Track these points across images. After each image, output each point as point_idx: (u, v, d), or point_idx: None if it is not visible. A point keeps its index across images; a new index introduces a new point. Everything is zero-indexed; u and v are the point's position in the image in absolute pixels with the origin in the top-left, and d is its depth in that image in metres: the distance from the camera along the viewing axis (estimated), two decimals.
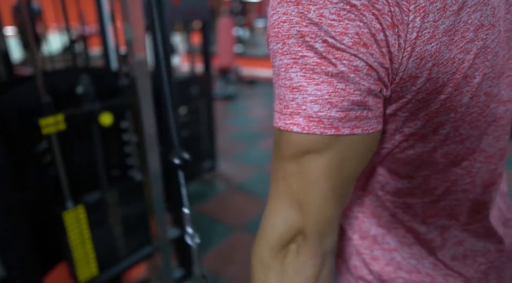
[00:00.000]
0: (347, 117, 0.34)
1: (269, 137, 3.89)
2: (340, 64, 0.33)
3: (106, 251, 1.39)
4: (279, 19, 0.35)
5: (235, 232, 2.24)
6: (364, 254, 0.52)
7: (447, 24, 0.34)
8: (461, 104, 0.39)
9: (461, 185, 0.46)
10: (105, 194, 1.34)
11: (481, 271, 0.50)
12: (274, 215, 0.41)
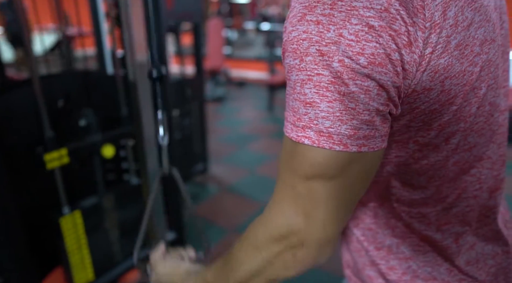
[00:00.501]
0: (355, 135, 0.36)
1: (259, 138, 3.91)
2: (352, 84, 0.34)
3: (102, 256, 1.38)
4: (298, 36, 0.36)
5: (228, 234, 2.25)
6: (380, 265, 0.54)
7: (459, 39, 0.37)
8: (469, 114, 0.41)
9: (471, 191, 0.48)
10: (102, 199, 1.33)
11: (492, 274, 0.53)
12: (279, 214, 0.44)
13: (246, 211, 2.51)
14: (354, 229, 0.55)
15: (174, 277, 0.64)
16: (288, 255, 0.45)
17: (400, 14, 0.33)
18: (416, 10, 0.34)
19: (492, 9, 0.42)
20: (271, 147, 3.68)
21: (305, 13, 0.36)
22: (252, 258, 0.48)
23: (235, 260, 0.51)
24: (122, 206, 1.41)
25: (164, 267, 0.67)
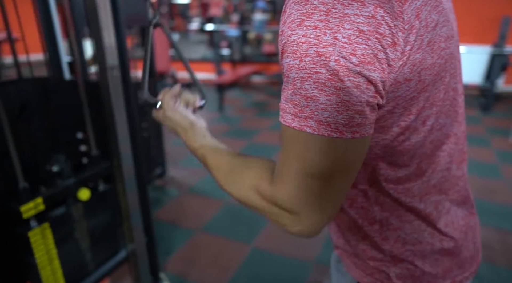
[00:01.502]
0: (350, 123, 0.43)
1: (219, 136, 3.92)
2: (347, 80, 0.41)
3: (74, 267, 1.34)
4: (298, 39, 0.42)
5: (194, 234, 2.27)
6: (374, 237, 0.61)
7: (429, 37, 0.45)
8: (439, 99, 0.51)
9: (444, 164, 0.58)
10: (70, 208, 1.30)
11: (463, 232, 0.63)
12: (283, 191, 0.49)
13: (209, 210, 2.54)
14: (348, 209, 0.62)
15: (180, 127, 0.72)
16: (285, 218, 0.51)
17: (384, 20, 0.41)
18: (396, 15, 0.42)
19: (449, 11, 0.52)
20: (227, 144, 3.72)
21: (303, 19, 0.42)
22: (253, 198, 0.54)
23: (236, 178, 0.58)
24: (91, 214, 1.38)
25: (174, 112, 0.73)
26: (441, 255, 0.61)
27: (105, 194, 1.43)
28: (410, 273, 0.61)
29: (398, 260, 0.61)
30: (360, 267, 0.66)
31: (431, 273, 0.61)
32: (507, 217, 2.39)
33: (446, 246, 0.61)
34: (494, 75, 4.49)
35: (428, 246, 0.60)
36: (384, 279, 0.63)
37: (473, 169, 3.03)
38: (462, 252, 0.63)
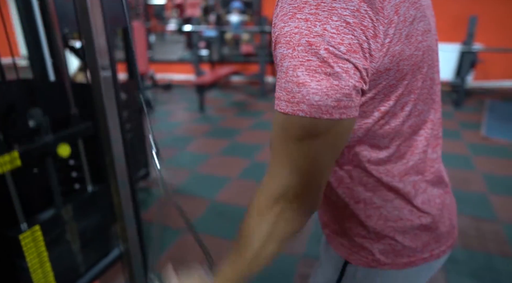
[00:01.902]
0: (338, 106, 0.47)
1: (195, 139, 3.93)
2: (336, 66, 0.45)
3: (65, 269, 1.34)
4: (291, 31, 0.46)
5: (182, 233, 2.28)
6: (359, 215, 0.66)
7: (407, 31, 0.50)
8: (417, 87, 0.56)
9: (421, 148, 0.63)
10: (60, 210, 1.29)
11: (439, 209, 0.68)
12: (275, 177, 0.54)
13: (195, 209, 2.55)
14: (336, 189, 0.67)
15: None
16: (288, 212, 0.55)
17: (367, 13, 0.45)
18: (377, 10, 0.46)
19: (426, 7, 0.57)
20: (208, 146, 3.74)
21: (295, 12, 0.46)
22: (259, 226, 0.57)
23: (244, 238, 0.59)
24: (81, 216, 1.38)
25: None
26: (420, 231, 0.67)
27: (94, 195, 1.43)
28: (392, 248, 0.67)
29: (380, 236, 0.66)
30: (346, 246, 0.71)
31: (411, 247, 0.67)
32: (480, 205, 2.52)
33: (424, 222, 0.66)
34: (464, 72, 4.69)
35: (407, 222, 0.66)
36: (368, 255, 0.68)
37: (447, 161, 3.15)
38: (439, 227, 0.68)
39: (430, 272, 0.74)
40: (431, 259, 0.70)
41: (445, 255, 0.72)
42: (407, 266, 0.68)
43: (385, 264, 0.68)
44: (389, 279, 0.70)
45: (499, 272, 1.88)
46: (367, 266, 0.69)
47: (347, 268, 0.72)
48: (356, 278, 0.71)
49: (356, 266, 0.70)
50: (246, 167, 3.21)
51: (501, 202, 2.54)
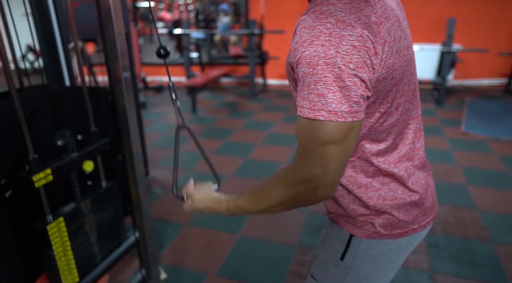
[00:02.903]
0: (350, 111, 0.61)
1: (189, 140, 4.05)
2: (347, 80, 0.60)
3: (84, 258, 1.46)
4: (310, 54, 0.60)
5: (183, 228, 2.41)
6: (362, 197, 0.80)
7: (397, 48, 0.66)
8: (405, 90, 0.72)
9: (410, 139, 0.79)
10: (80, 204, 1.41)
11: (424, 188, 0.84)
12: (304, 167, 0.67)
13: None
14: (341, 178, 0.81)
15: (208, 201, 0.88)
16: (310, 193, 0.68)
17: (368, 37, 0.61)
18: (375, 34, 0.62)
19: (406, 28, 0.73)
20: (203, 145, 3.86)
21: (313, 39, 0.61)
22: (280, 193, 0.72)
23: (264, 193, 0.75)
24: (97, 209, 1.50)
25: (198, 194, 0.91)
26: (411, 206, 0.82)
27: (108, 190, 1.55)
28: (390, 221, 0.82)
29: (380, 212, 0.81)
30: (351, 222, 0.85)
31: (404, 220, 0.82)
32: (460, 195, 2.72)
33: (413, 199, 0.82)
34: (445, 71, 4.93)
35: (401, 200, 0.81)
36: (370, 228, 0.83)
37: (430, 155, 3.36)
38: (424, 203, 0.84)
39: (418, 240, 0.89)
40: (419, 229, 0.86)
41: (429, 225, 0.88)
42: (401, 236, 0.84)
43: (383, 235, 0.83)
44: (386, 247, 0.85)
45: (475, 254, 2.07)
46: (369, 238, 0.84)
47: (352, 241, 0.86)
48: (359, 248, 0.86)
49: (360, 238, 0.85)
50: (240, 165, 3.35)
51: (479, 192, 2.75)
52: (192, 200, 0.92)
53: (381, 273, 0.89)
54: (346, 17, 0.60)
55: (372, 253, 0.85)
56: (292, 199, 0.71)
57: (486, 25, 5.73)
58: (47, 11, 1.50)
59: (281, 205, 0.73)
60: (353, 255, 0.86)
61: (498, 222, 2.37)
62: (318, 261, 0.96)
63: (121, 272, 2.01)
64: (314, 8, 0.64)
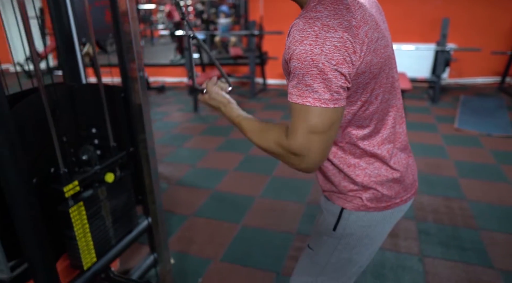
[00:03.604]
0: (331, 98, 0.75)
1: (192, 137, 4.19)
2: (329, 74, 0.73)
3: (101, 240, 1.60)
4: (300, 52, 0.74)
5: (188, 219, 2.55)
6: (351, 175, 0.94)
7: (374, 47, 0.80)
8: (383, 83, 0.85)
9: (391, 124, 0.93)
10: (97, 191, 1.55)
11: (404, 168, 0.98)
12: (294, 139, 0.78)
13: (198, 199, 2.82)
14: (333, 159, 0.94)
15: (221, 104, 1.03)
16: (296, 162, 0.81)
17: (348, 39, 0.74)
18: (355, 35, 0.75)
19: (384, 30, 0.87)
20: (205, 143, 4.01)
21: (302, 40, 0.74)
22: (274, 148, 0.84)
23: (263, 137, 0.89)
24: (112, 196, 1.64)
25: (216, 93, 1.05)
26: (393, 183, 0.96)
27: (121, 180, 1.69)
28: (375, 196, 0.95)
29: (366, 188, 0.95)
30: (342, 198, 0.98)
31: (388, 195, 0.96)
32: (451, 187, 2.86)
33: (395, 177, 0.96)
34: (439, 70, 5.07)
35: (384, 177, 0.95)
36: (358, 202, 0.96)
37: (424, 151, 3.51)
38: (405, 180, 0.98)
39: (400, 213, 1.03)
40: (400, 203, 0.99)
41: (410, 200, 1.02)
42: (385, 208, 0.97)
43: (370, 208, 0.96)
44: (372, 218, 0.98)
45: (463, 240, 2.21)
46: (357, 210, 0.97)
47: (343, 213, 0.99)
48: (349, 219, 0.98)
49: (350, 211, 0.98)
50: (242, 160, 3.49)
51: (469, 184, 2.89)
52: (209, 95, 1.06)
53: (368, 242, 1.03)
54: (330, 22, 0.74)
55: (360, 224, 0.99)
56: (281, 158, 0.85)
57: (480, 25, 5.88)
58: (66, 13, 1.64)
59: (272, 154, 0.87)
60: (344, 226, 1.00)
61: (486, 211, 2.51)
62: (314, 233, 1.10)
63: (131, 258, 2.15)
64: (304, 14, 0.78)
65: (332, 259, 1.04)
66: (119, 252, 1.71)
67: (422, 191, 2.78)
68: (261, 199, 2.76)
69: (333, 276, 1.07)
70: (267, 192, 2.85)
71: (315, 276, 1.09)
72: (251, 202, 2.73)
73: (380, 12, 0.93)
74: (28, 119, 1.27)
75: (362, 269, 1.11)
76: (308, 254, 1.10)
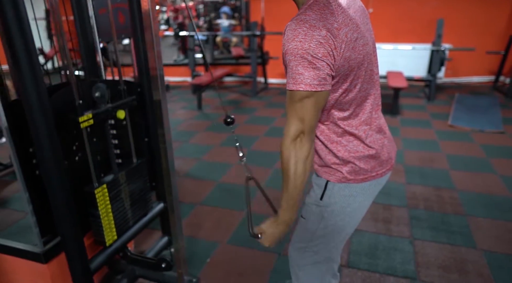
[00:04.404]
0: (320, 84, 0.93)
1: (197, 133, 4.38)
2: (317, 64, 0.92)
3: (120, 220, 1.78)
4: (292, 47, 0.92)
5: (196, 207, 2.73)
6: (333, 150, 1.12)
7: (352, 45, 0.98)
8: (362, 75, 1.04)
9: (368, 109, 1.11)
10: (118, 176, 1.73)
11: (380, 147, 1.15)
12: (291, 126, 0.98)
13: (205, 189, 3.00)
14: (320, 136, 1.13)
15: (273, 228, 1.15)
16: (302, 141, 1.00)
17: (331, 37, 0.92)
18: (336, 35, 0.93)
19: (365, 30, 1.05)
20: (209, 139, 4.19)
21: (294, 37, 0.92)
22: (289, 156, 1.01)
23: (285, 171, 1.04)
24: (130, 181, 1.82)
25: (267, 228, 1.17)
26: (369, 159, 1.14)
27: (138, 166, 1.87)
28: (353, 169, 1.13)
29: (346, 162, 1.13)
30: (327, 172, 1.17)
31: (365, 169, 1.14)
32: (442, 178, 3.04)
33: (371, 153, 1.14)
34: (434, 69, 5.25)
35: (361, 153, 1.13)
36: (340, 175, 1.14)
37: (419, 145, 3.69)
38: (380, 157, 1.16)
39: (378, 186, 1.21)
40: (377, 176, 1.17)
41: (386, 175, 1.20)
42: (363, 181, 1.15)
43: (350, 179, 1.14)
44: (352, 189, 1.16)
45: (451, 225, 2.39)
46: (339, 182, 1.15)
47: (328, 185, 1.17)
48: (333, 190, 1.17)
49: (333, 183, 1.16)
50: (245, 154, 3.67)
51: (459, 176, 3.07)
52: (266, 236, 1.17)
53: (351, 211, 1.20)
54: (316, 23, 0.92)
55: (342, 194, 1.16)
56: (298, 153, 1.01)
57: (474, 25, 6.05)
58: (88, 16, 1.83)
59: (297, 165, 1.01)
60: (329, 196, 1.18)
61: (473, 199, 2.69)
62: (305, 204, 1.28)
63: (143, 242, 2.33)
64: (297, 17, 0.96)
65: (321, 225, 1.22)
66: (136, 232, 1.89)
67: (415, 182, 2.96)
68: (264, 189, 2.94)
69: (322, 241, 1.25)
70: (270, 183, 3.03)
71: (307, 242, 1.28)
72: (254, 192, 2.91)
73: (365, 16, 1.11)
74: (59, 109, 1.44)
75: (348, 237, 1.29)
76: (301, 223, 1.29)
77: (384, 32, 6.18)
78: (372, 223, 2.44)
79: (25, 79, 1.18)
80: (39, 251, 1.64)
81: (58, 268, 1.74)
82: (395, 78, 4.85)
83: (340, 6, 0.98)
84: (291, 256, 1.38)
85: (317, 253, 1.29)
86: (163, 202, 2.12)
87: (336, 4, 0.97)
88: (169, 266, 1.89)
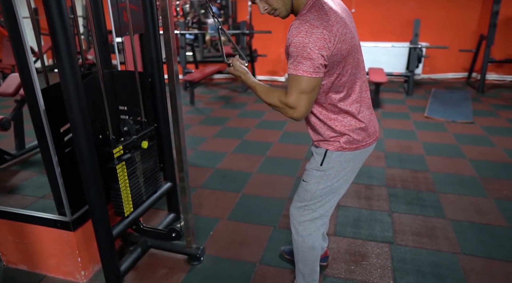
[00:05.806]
0: (315, 71, 1.21)
1: (192, 127, 4.61)
2: (314, 55, 1.19)
3: (135, 194, 2.02)
4: (296, 41, 1.19)
5: (196, 190, 2.97)
6: (331, 125, 1.38)
7: (343, 38, 1.25)
8: (350, 62, 1.31)
9: (358, 90, 1.38)
10: (134, 155, 1.97)
11: (368, 121, 1.43)
12: (290, 97, 1.24)
13: (203, 175, 3.24)
14: (318, 115, 1.39)
15: (243, 74, 1.46)
16: (290, 111, 1.27)
17: (326, 33, 1.19)
18: (330, 31, 1.20)
19: (351, 27, 1.32)
20: (204, 131, 4.43)
21: (297, 33, 1.19)
22: (276, 102, 1.30)
23: (269, 95, 1.33)
24: (144, 160, 2.06)
25: (239, 66, 1.48)
26: (360, 131, 1.41)
27: (150, 147, 2.11)
28: (348, 140, 1.40)
29: (342, 134, 1.40)
30: (326, 143, 1.44)
31: (357, 139, 1.41)
32: (418, 162, 3.37)
33: (362, 126, 1.41)
34: (412, 66, 5.61)
35: (354, 127, 1.40)
36: (337, 145, 1.41)
37: (398, 135, 4.02)
38: (368, 129, 1.44)
39: (366, 154, 1.48)
40: (366, 145, 1.44)
41: (373, 144, 1.47)
42: (356, 149, 1.42)
43: (346, 148, 1.41)
44: (347, 156, 1.43)
45: (424, 200, 2.71)
46: (337, 150, 1.42)
47: (327, 153, 1.44)
48: (331, 157, 1.43)
49: (332, 151, 1.42)
50: (238, 144, 3.93)
51: (433, 160, 3.41)
52: (234, 67, 1.48)
53: (345, 174, 1.48)
54: (315, 22, 1.19)
55: (339, 160, 1.44)
56: (281, 110, 1.30)
57: (449, 25, 6.47)
58: (103, 15, 2.06)
59: (275, 107, 1.32)
60: (327, 161, 1.45)
61: (444, 179, 3.03)
62: (307, 170, 1.55)
63: (151, 219, 2.57)
64: (299, 17, 1.23)
65: (320, 186, 1.49)
66: (148, 207, 2.13)
67: (394, 166, 3.28)
68: (257, 174, 3.21)
69: (320, 199, 1.53)
70: (262, 169, 3.30)
71: (307, 201, 1.55)
72: (248, 177, 3.18)
73: (349, 15, 1.39)
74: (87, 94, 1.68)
75: (340, 196, 1.57)
76: (302, 185, 1.56)
77: (366, 31, 6.54)
78: (355, 200, 2.74)
79: (64, 68, 1.42)
80: (68, 220, 1.87)
81: (82, 236, 1.98)
82: (376, 73, 5.19)
83: (331, 8, 1.26)
84: (292, 214, 1.66)
85: (314, 211, 1.57)
86: (171, 181, 2.36)
87: (328, 7, 1.24)
88: (179, 235, 2.14)
